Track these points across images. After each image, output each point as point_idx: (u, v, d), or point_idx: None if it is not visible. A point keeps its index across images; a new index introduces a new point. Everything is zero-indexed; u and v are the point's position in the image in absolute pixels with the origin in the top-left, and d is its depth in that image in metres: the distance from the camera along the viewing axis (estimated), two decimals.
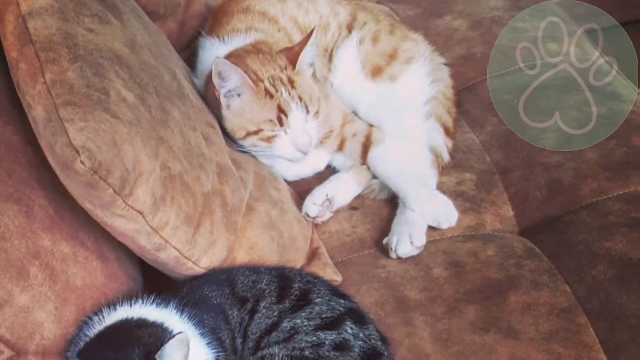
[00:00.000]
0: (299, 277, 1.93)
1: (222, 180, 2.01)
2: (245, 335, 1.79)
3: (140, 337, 1.58)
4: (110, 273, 1.86)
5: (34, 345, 1.61)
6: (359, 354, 1.76)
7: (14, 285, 1.59)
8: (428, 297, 2.09)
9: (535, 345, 1.95)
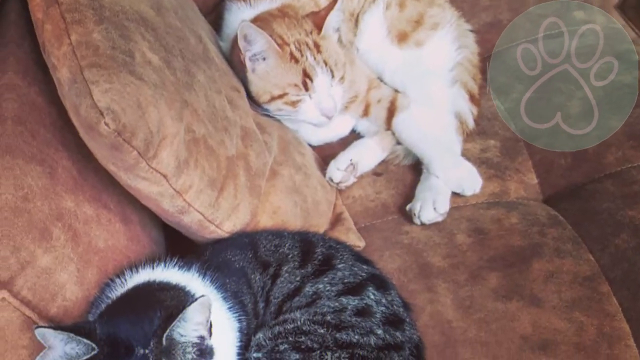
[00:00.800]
0: (322, 242, 1.90)
1: (246, 144, 1.97)
2: (267, 299, 1.76)
3: (162, 300, 1.55)
4: (132, 235, 1.82)
5: (55, 307, 1.58)
6: (380, 320, 1.73)
7: (36, 247, 1.56)
8: (451, 264, 2.06)
9: (558, 313, 1.92)
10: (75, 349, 1.42)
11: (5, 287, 1.50)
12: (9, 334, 1.50)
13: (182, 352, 1.46)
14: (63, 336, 1.41)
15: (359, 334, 1.67)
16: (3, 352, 1.49)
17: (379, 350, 1.67)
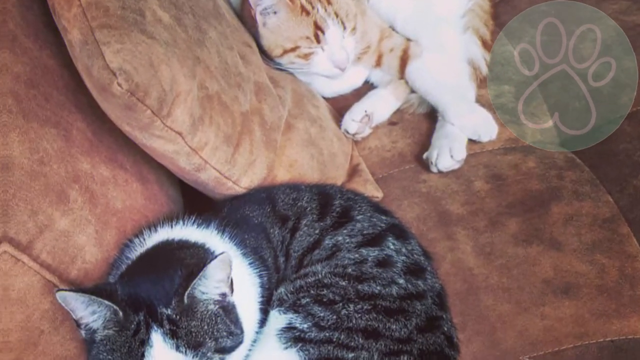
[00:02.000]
0: (340, 194, 1.86)
1: (260, 99, 1.93)
2: (287, 253, 1.73)
3: (182, 258, 1.52)
4: (150, 195, 1.79)
5: (75, 269, 1.55)
6: (401, 269, 1.68)
7: (53, 210, 1.52)
8: (470, 211, 2.02)
9: (579, 256, 1.88)
10: (97, 311, 1.40)
11: (24, 251, 1.47)
12: (30, 299, 1.47)
13: (204, 310, 1.44)
14: (84, 299, 1.38)
15: (380, 285, 1.64)
16: (25, 317, 1.47)
17: (401, 300, 1.63)
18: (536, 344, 1.72)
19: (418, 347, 1.57)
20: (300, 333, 1.56)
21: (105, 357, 1.40)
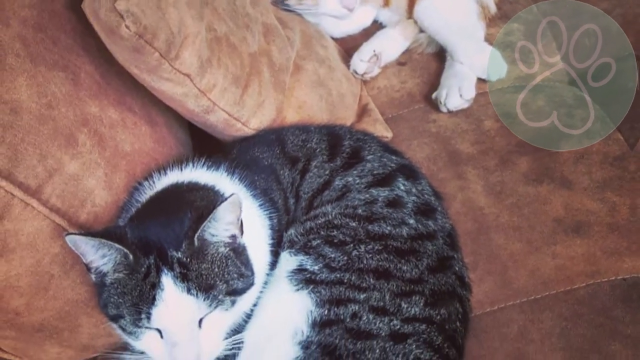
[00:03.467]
0: (349, 135, 1.81)
1: (269, 40, 1.88)
2: (297, 195, 1.69)
3: (192, 201, 1.48)
4: (159, 137, 1.75)
5: (85, 213, 1.52)
6: (412, 210, 1.65)
7: (62, 153, 1.48)
8: (480, 150, 1.98)
9: (589, 194, 1.85)
10: (107, 254, 1.37)
11: (33, 195, 1.43)
12: (40, 243, 1.45)
13: (215, 252, 1.40)
14: (94, 242, 1.35)
15: (391, 225, 1.60)
16: (35, 261, 1.44)
17: (412, 240, 1.60)
18: (548, 283, 1.70)
19: (429, 288, 1.54)
20: (311, 275, 1.53)
21: (115, 301, 1.37)
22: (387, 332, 1.47)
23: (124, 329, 1.39)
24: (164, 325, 1.36)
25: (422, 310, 1.51)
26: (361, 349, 1.45)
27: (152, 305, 1.34)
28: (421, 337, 1.48)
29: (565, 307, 1.65)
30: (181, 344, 1.36)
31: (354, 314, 1.48)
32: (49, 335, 1.55)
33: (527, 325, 1.63)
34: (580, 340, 1.59)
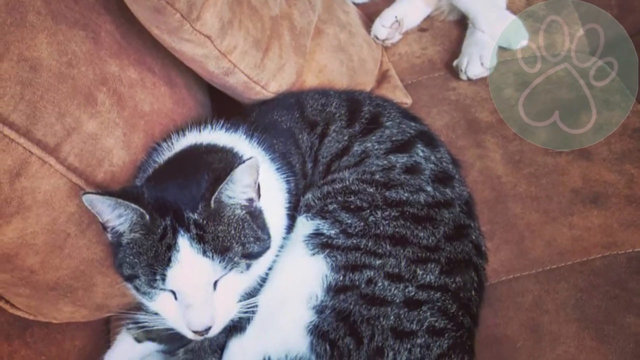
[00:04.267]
0: (369, 100, 1.76)
1: (290, 3, 1.83)
2: (315, 159, 1.65)
3: (210, 163, 1.44)
4: (178, 98, 1.70)
5: (102, 172, 1.48)
6: (429, 177, 1.61)
7: (81, 112, 1.44)
8: (499, 119, 1.94)
9: (608, 166, 1.81)
10: (124, 214, 1.34)
11: (51, 153, 1.39)
12: (56, 201, 1.42)
13: (231, 215, 1.37)
14: (110, 202, 1.32)
15: (408, 192, 1.56)
16: (51, 220, 1.41)
17: (429, 207, 1.56)
18: (564, 254, 1.67)
19: (446, 256, 1.51)
20: (327, 239, 1.49)
21: (131, 261, 1.35)
22: (402, 298, 1.44)
23: (138, 290, 1.37)
24: (179, 286, 1.33)
25: (437, 278, 1.48)
26: (375, 315, 1.42)
27: (167, 267, 1.32)
28: (436, 305, 1.45)
29: (580, 278, 1.62)
30: (195, 306, 1.33)
31: (369, 280, 1.45)
32: (63, 293, 1.54)
33: (542, 295, 1.61)
34: (595, 312, 1.57)
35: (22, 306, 1.57)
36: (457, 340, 1.44)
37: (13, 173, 1.34)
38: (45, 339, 1.68)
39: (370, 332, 1.41)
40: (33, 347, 1.67)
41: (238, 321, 1.44)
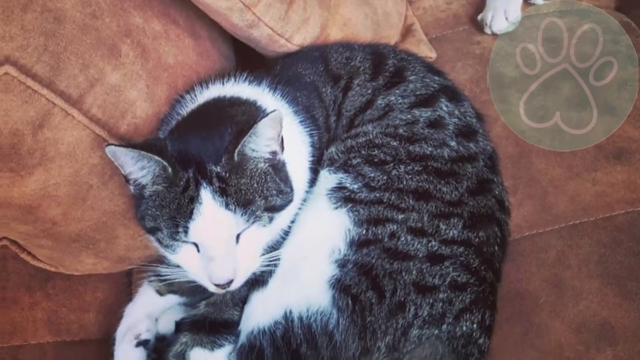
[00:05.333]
0: (393, 54, 1.70)
1: None
2: (339, 112, 1.60)
3: (233, 115, 1.39)
4: (202, 50, 1.65)
5: (125, 124, 1.43)
6: (453, 131, 1.55)
7: (105, 64, 1.39)
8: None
9: (632, 122, 1.76)
10: (146, 167, 1.30)
11: (74, 105, 1.35)
12: (79, 153, 1.37)
13: (254, 168, 1.33)
14: (134, 154, 1.28)
15: (432, 146, 1.51)
16: (73, 171, 1.38)
17: (452, 162, 1.50)
18: (587, 209, 1.62)
19: (468, 210, 1.45)
20: (350, 193, 1.45)
21: (153, 213, 1.31)
22: (425, 253, 1.39)
23: (160, 242, 1.33)
24: (201, 239, 1.29)
25: (460, 233, 1.42)
26: (398, 270, 1.37)
27: (190, 219, 1.27)
28: (458, 260, 1.40)
29: (604, 233, 1.57)
30: (218, 258, 1.29)
31: (392, 234, 1.40)
32: (86, 245, 1.51)
33: (565, 250, 1.56)
34: (618, 268, 1.52)
35: (44, 258, 1.55)
36: (479, 295, 1.40)
37: (36, 124, 1.30)
38: (67, 291, 1.66)
39: (393, 286, 1.36)
40: (54, 299, 1.65)
41: (260, 275, 1.40)
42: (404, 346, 1.36)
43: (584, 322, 1.45)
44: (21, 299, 1.63)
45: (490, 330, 1.41)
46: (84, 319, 1.63)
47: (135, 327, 1.50)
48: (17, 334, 1.60)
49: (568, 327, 1.45)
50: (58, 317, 1.63)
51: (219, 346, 1.42)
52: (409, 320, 1.35)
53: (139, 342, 1.48)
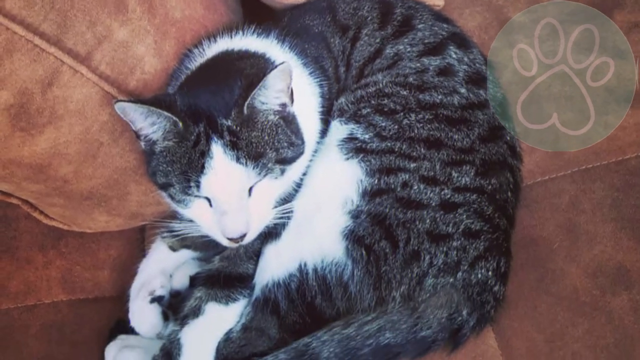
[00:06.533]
0: (401, 3, 1.65)
1: None
2: (347, 63, 1.56)
3: (242, 68, 1.35)
4: (209, 4, 1.60)
5: (134, 80, 1.40)
6: (463, 79, 1.51)
7: (112, 20, 1.35)
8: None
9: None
10: (156, 122, 1.27)
11: (83, 62, 1.32)
12: (89, 110, 1.35)
13: (265, 121, 1.30)
14: (143, 109, 1.25)
15: (442, 94, 1.47)
16: (83, 129, 1.35)
17: (463, 109, 1.47)
18: (599, 153, 1.59)
19: (480, 157, 1.42)
20: (361, 144, 1.41)
21: (165, 169, 1.29)
22: (438, 201, 1.36)
23: (172, 198, 1.31)
24: (213, 193, 1.27)
25: (473, 180, 1.39)
26: (411, 219, 1.34)
27: (202, 174, 1.25)
28: (472, 207, 1.37)
29: (616, 177, 1.54)
30: (230, 212, 1.27)
31: (405, 183, 1.37)
32: (98, 203, 1.49)
33: (578, 195, 1.53)
34: (632, 211, 1.49)
35: (57, 216, 1.53)
36: (493, 242, 1.37)
37: (45, 83, 1.27)
38: (80, 249, 1.64)
39: (406, 235, 1.34)
40: (68, 257, 1.63)
41: (273, 227, 1.38)
42: (419, 295, 1.34)
43: (599, 266, 1.43)
44: (34, 258, 1.61)
45: (505, 277, 1.39)
46: (97, 276, 1.62)
47: (149, 283, 1.49)
48: (31, 294, 1.58)
49: (583, 271, 1.43)
50: (72, 275, 1.61)
51: (233, 300, 1.40)
52: (424, 269, 1.33)
53: (153, 298, 1.47)
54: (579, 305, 1.40)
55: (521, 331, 1.40)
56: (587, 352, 1.35)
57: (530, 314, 1.41)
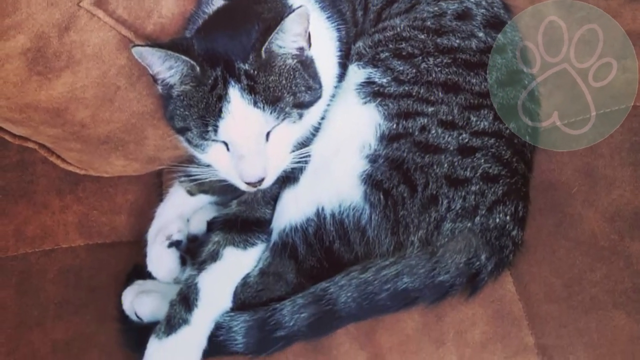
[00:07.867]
0: None
1: None
2: (365, 7, 1.51)
3: (259, 12, 1.32)
4: None
5: (151, 24, 1.37)
6: (481, 22, 1.46)
7: None
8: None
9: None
10: (174, 66, 1.23)
11: (100, 6, 1.29)
12: (106, 54, 1.32)
13: (282, 65, 1.26)
14: (160, 53, 1.22)
15: (460, 38, 1.43)
16: (101, 73, 1.32)
17: (481, 53, 1.42)
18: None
19: (498, 102, 1.38)
20: (379, 87, 1.37)
21: (182, 113, 1.26)
22: (456, 146, 1.33)
23: (190, 142, 1.28)
24: (231, 137, 1.24)
25: (491, 124, 1.36)
26: (429, 163, 1.32)
27: (219, 118, 1.22)
28: (490, 151, 1.34)
29: (635, 121, 1.51)
30: (248, 156, 1.24)
31: (423, 127, 1.34)
32: (115, 147, 1.47)
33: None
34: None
35: (74, 161, 1.51)
36: (511, 186, 1.35)
37: (62, 27, 1.24)
38: (97, 194, 1.61)
39: (424, 180, 1.31)
40: (85, 202, 1.60)
41: (291, 172, 1.35)
42: (437, 240, 1.32)
43: (618, 210, 1.40)
44: (51, 203, 1.58)
45: (523, 221, 1.37)
46: (115, 221, 1.59)
47: (166, 228, 1.47)
48: (48, 238, 1.55)
49: (602, 216, 1.41)
50: (89, 220, 1.58)
51: (251, 245, 1.38)
52: (442, 214, 1.31)
53: (170, 242, 1.45)
54: (597, 250, 1.38)
55: (539, 276, 1.38)
56: (605, 297, 1.33)
57: (548, 259, 1.39)
